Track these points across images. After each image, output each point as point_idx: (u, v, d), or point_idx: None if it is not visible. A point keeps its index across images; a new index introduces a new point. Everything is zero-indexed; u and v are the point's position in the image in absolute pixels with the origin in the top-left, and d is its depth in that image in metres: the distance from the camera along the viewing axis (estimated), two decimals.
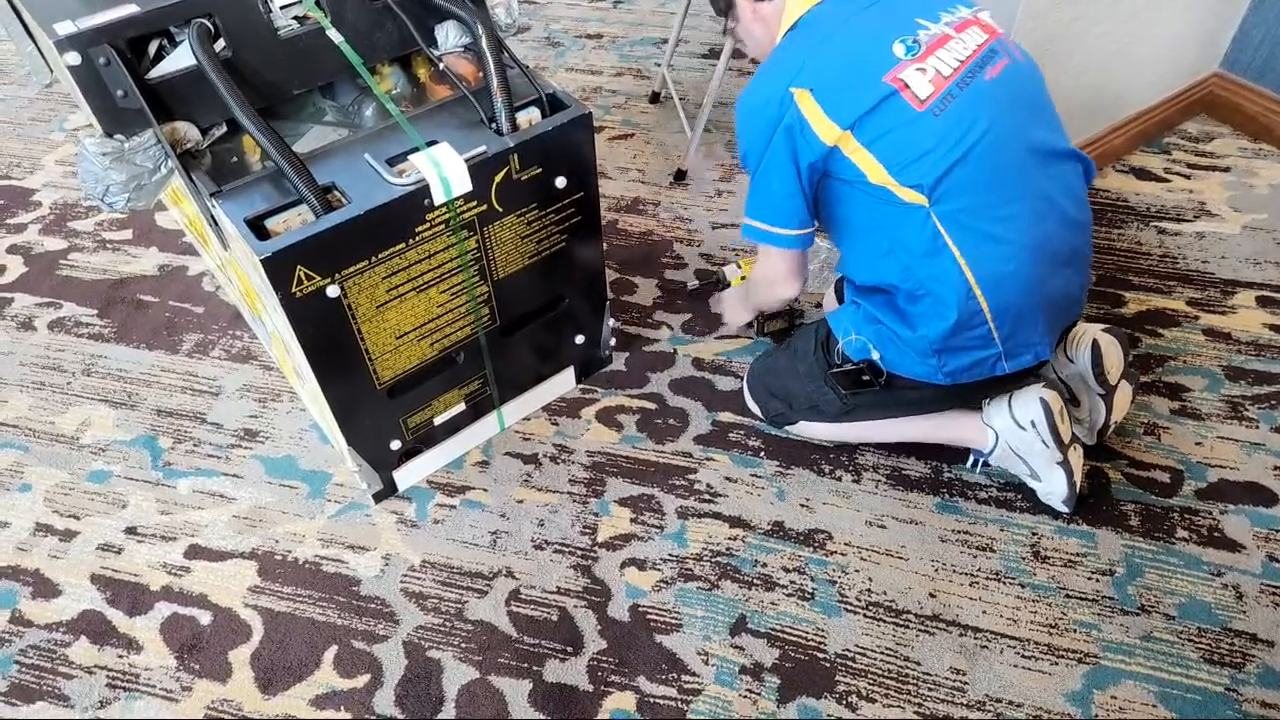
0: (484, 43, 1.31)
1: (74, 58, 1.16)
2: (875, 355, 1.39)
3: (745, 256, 1.93)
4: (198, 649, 1.38)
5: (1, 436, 1.69)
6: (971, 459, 1.57)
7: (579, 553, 1.49)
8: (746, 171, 1.37)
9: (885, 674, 1.33)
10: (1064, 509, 1.48)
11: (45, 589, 1.46)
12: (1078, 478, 1.46)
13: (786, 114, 1.25)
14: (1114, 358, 1.50)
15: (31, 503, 1.58)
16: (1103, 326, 1.53)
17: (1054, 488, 1.46)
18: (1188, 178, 2.13)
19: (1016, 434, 1.45)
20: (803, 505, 1.54)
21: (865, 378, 1.43)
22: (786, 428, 1.61)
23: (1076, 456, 1.48)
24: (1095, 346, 1.48)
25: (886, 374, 1.40)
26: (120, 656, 1.38)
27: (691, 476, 1.59)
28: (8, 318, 1.92)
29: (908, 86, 1.21)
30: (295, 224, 1.20)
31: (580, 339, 1.67)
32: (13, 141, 2.41)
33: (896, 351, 1.36)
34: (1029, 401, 1.43)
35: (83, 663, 1.37)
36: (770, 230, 1.36)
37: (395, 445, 1.50)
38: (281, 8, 1.32)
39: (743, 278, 1.77)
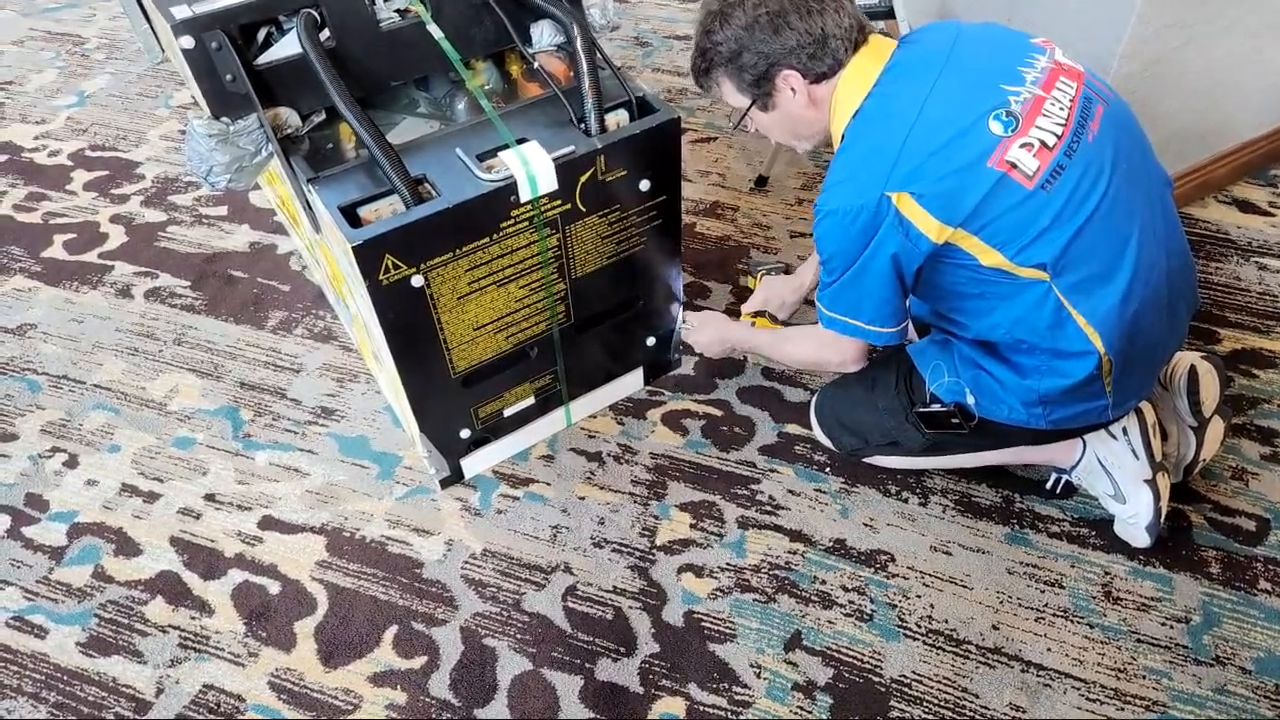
0: (578, 43, 1.32)
1: (188, 41, 1.20)
2: (970, 399, 1.32)
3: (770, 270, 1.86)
4: (265, 617, 1.43)
5: (95, 398, 1.77)
6: (1052, 479, 1.53)
7: (637, 554, 1.49)
8: (824, 268, 1.26)
9: (942, 703, 1.31)
10: (1145, 538, 1.42)
11: (127, 547, 1.53)
12: (1164, 504, 1.41)
13: (885, 221, 1.14)
14: (1210, 388, 1.45)
15: (119, 463, 1.66)
16: (1200, 354, 1.47)
17: (1138, 509, 1.40)
18: None
19: (1106, 443, 1.40)
20: (866, 525, 1.52)
21: (955, 420, 1.36)
22: (862, 458, 1.57)
23: (1165, 482, 1.42)
24: (1192, 373, 1.43)
25: (979, 418, 1.34)
26: (193, 618, 1.43)
27: (754, 486, 1.58)
28: (108, 284, 2.01)
29: (1015, 167, 1.11)
30: (386, 213, 1.23)
31: (652, 341, 1.67)
32: (120, 115, 2.52)
33: (996, 398, 1.30)
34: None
35: (158, 621, 1.43)
36: (863, 327, 1.26)
37: (465, 434, 1.52)
38: (385, 0, 1.36)
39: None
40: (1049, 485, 1.53)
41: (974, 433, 1.37)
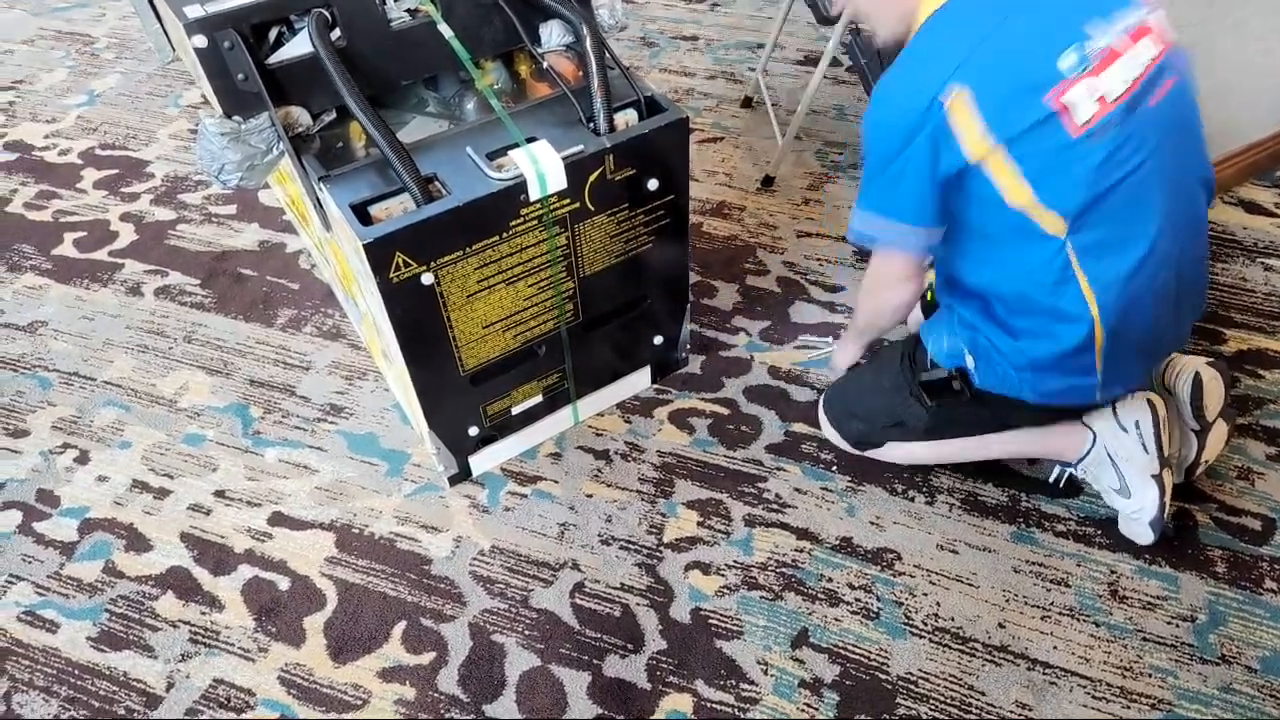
0: (587, 43, 1.33)
1: (201, 40, 1.21)
2: (969, 361, 1.33)
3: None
4: (275, 613, 1.44)
5: (106, 395, 1.78)
6: (1055, 472, 1.53)
7: (644, 551, 1.50)
8: (865, 163, 1.22)
9: (948, 701, 1.31)
10: (1149, 533, 1.42)
11: (138, 543, 1.54)
12: (1168, 499, 1.41)
13: (933, 119, 1.12)
14: (1214, 393, 1.45)
15: (130, 460, 1.67)
16: (1206, 360, 1.48)
17: (1144, 504, 1.41)
18: None
19: (1117, 436, 1.40)
20: (873, 523, 1.52)
21: (955, 385, 1.37)
22: (870, 452, 1.57)
23: (1170, 479, 1.43)
24: (1196, 380, 1.43)
25: (975, 388, 1.35)
26: (203, 613, 1.44)
27: (761, 485, 1.59)
28: (118, 282, 2.02)
29: (1069, 110, 1.09)
30: (397, 212, 1.24)
31: (659, 339, 1.68)
32: (130, 114, 2.53)
33: (990, 363, 1.31)
34: (1135, 403, 1.38)
35: (168, 616, 1.44)
36: (897, 229, 1.23)
37: (473, 431, 1.53)
38: (395, 0, 1.37)
39: None
40: (1053, 479, 1.54)
41: (973, 406, 1.37)
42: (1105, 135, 1.11)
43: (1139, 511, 1.42)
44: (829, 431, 1.59)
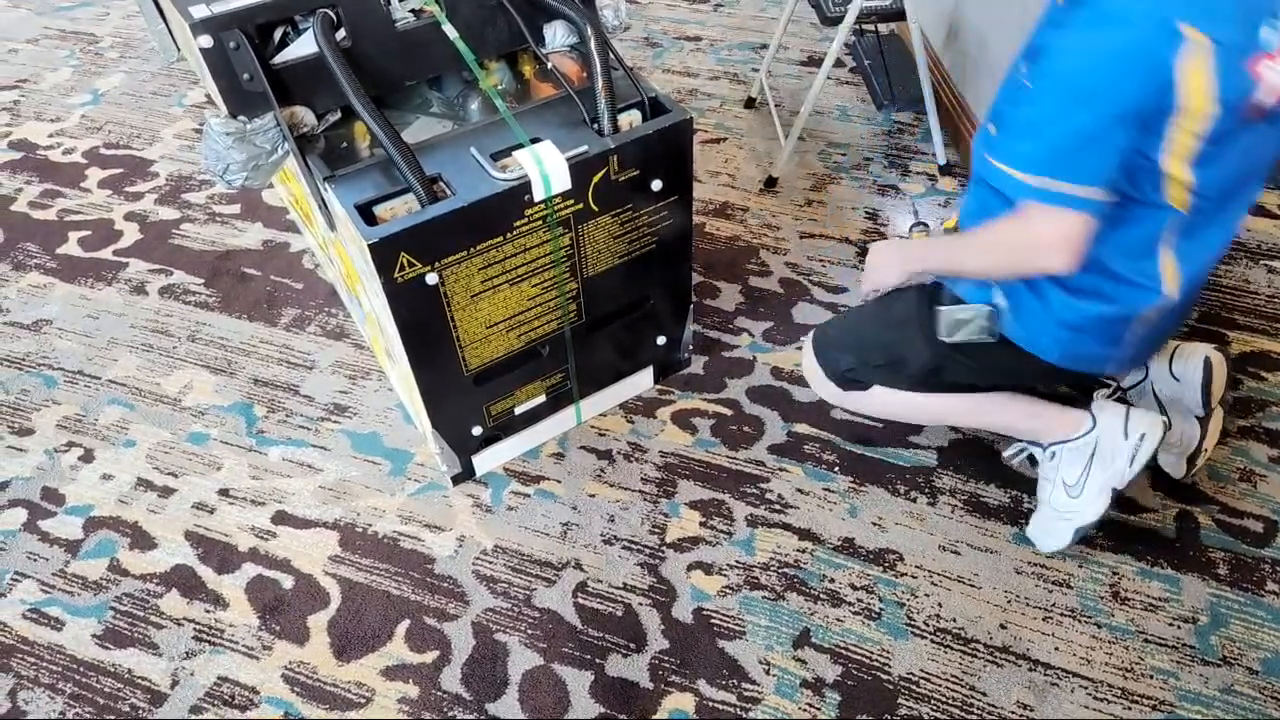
0: (592, 44, 1.33)
1: (207, 40, 1.22)
2: (1000, 301, 1.23)
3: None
4: (279, 611, 1.44)
5: (110, 393, 1.79)
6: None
7: (647, 551, 1.50)
8: (1041, 102, 1.03)
9: (949, 701, 1.31)
10: (1066, 539, 1.40)
11: (142, 541, 1.55)
12: (1103, 517, 1.40)
13: (1163, 54, 0.93)
14: (1221, 379, 1.46)
15: (134, 458, 1.67)
16: (1212, 346, 1.48)
17: (1089, 509, 1.38)
18: None
19: (1116, 438, 1.38)
20: (875, 524, 1.52)
21: (983, 322, 1.25)
22: (852, 399, 1.44)
23: (1118, 492, 1.41)
24: (1207, 364, 1.44)
25: (1001, 335, 1.26)
26: (207, 611, 1.45)
27: (763, 485, 1.59)
28: (122, 281, 2.02)
29: (1258, 85, 0.98)
30: (401, 212, 1.24)
31: (661, 340, 1.68)
32: (134, 113, 2.54)
33: (1023, 312, 1.21)
34: (1150, 419, 1.36)
35: (172, 614, 1.45)
36: (1069, 191, 1.01)
37: (476, 431, 1.54)
38: (400, 0, 1.37)
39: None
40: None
41: (983, 356, 1.29)
42: (1265, 128, 1.04)
43: (1077, 515, 1.39)
44: (810, 367, 1.46)
